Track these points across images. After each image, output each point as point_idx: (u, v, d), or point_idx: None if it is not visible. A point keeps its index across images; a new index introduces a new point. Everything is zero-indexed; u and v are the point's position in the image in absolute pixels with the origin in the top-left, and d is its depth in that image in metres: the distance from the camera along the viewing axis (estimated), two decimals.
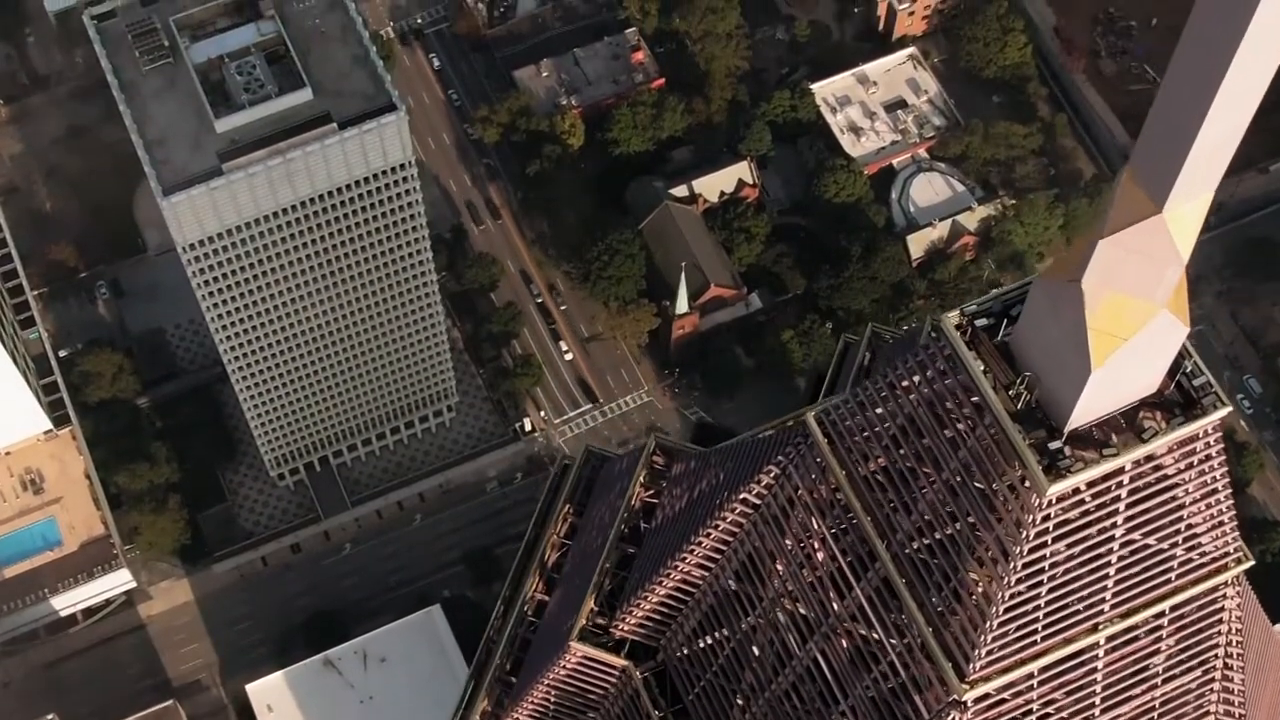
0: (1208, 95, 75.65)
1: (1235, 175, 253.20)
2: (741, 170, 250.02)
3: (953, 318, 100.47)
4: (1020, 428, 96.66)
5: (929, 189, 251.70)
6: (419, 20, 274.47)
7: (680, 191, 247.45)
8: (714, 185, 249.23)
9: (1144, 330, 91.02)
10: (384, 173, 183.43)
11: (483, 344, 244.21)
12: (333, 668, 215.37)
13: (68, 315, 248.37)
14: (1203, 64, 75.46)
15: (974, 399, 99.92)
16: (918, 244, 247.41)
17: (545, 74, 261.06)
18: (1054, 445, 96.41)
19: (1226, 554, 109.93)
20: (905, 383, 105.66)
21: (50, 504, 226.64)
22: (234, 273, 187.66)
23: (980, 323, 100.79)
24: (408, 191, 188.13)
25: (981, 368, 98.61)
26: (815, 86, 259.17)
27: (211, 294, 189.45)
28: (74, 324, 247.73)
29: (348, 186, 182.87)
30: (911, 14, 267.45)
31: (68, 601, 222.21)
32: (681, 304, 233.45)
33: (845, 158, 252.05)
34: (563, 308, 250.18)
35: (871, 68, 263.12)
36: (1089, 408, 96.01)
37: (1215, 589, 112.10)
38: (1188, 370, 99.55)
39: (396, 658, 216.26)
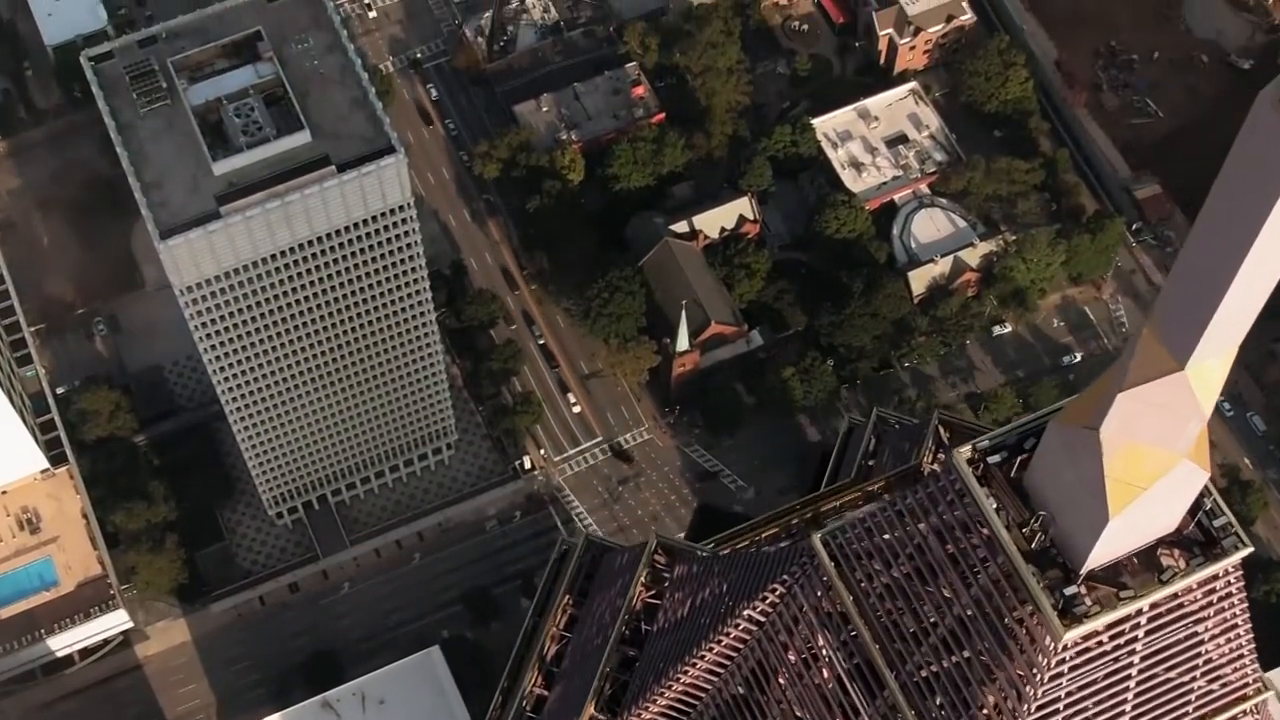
0: (1232, 266, 73.89)
1: None
2: (742, 206, 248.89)
3: (964, 452, 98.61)
4: (1034, 569, 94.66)
5: (930, 225, 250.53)
6: (418, 54, 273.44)
7: (681, 227, 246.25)
8: (714, 221, 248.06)
9: (1163, 479, 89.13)
10: (383, 214, 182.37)
11: (482, 381, 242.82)
12: (331, 710, 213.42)
13: (65, 352, 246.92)
14: (1227, 237, 73.78)
15: (985, 533, 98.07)
16: (919, 280, 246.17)
17: (545, 109, 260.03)
18: (1070, 590, 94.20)
19: (1246, 684, 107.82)
20: (915, 512, 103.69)
21: (47, 543, 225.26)
22: (232, 314, 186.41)
23: (993, 458, 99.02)
24: (407, 233, 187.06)
25: (994, 505, 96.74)
26: (816, 121, 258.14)
27: (209, 335, 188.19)
28: (71, 361, 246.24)
29: (346, 228, 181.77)
30: (913, 48, 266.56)
31: (64, 642, 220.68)
32: (682, 342, 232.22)
33: (846, 193, 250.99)
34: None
35: (873, 103, 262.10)
36: (1106, 550, 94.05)
37: (1235, 718, 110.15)
38: (1208, 509, 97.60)
39: (395, 700, 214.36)
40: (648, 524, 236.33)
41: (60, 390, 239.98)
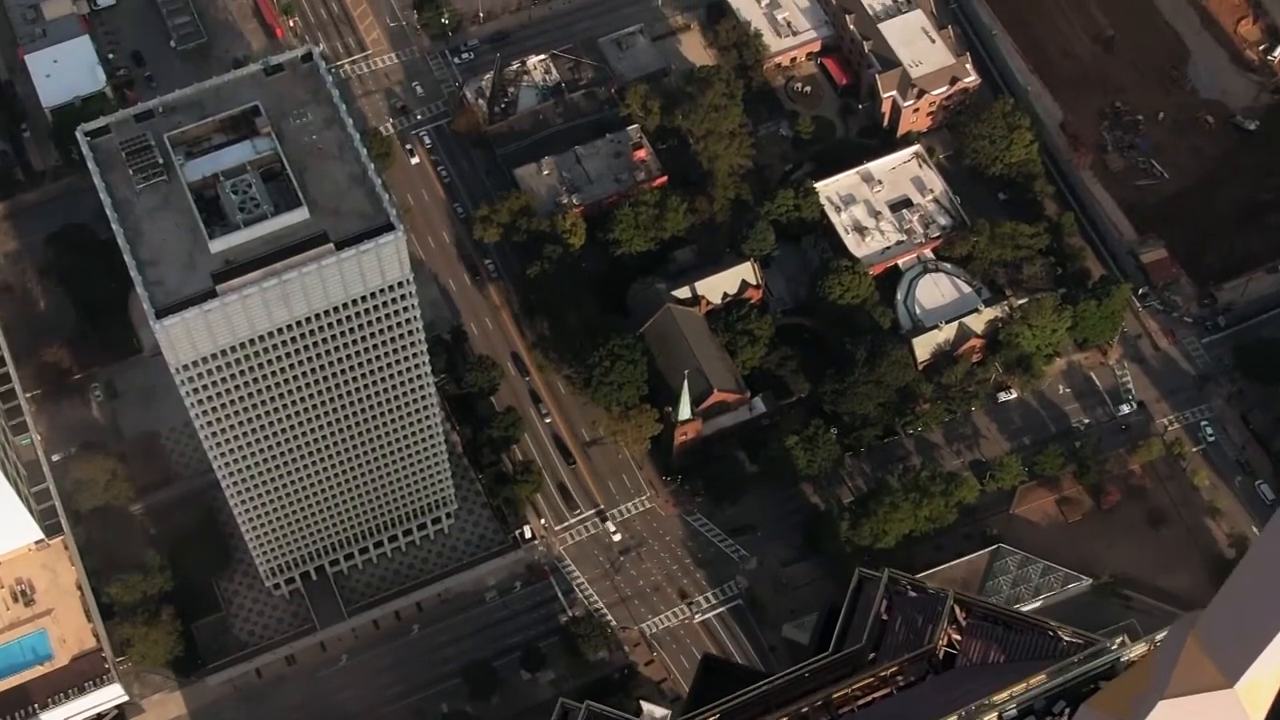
0: None
1: (1244, 274, 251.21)
2: (745, 271, 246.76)
3: None
4: None
5: (935, 290, 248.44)
6: (419, 116, 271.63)
7: (683, 293, 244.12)
8: (717, 286, 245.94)
9: None
10: (381, 291, 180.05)
11: (482, 449, 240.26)
12: None
13: (61, 418, 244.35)
14: None
15: None
16: (924, 347, 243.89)
17: (546, 172, 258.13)
18: None
19: None
20: None
21: (41, 616, 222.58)
22: (228, 391, 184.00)
23: None
24: (406, 309, 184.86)
25: None
26: (819, 185, 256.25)
27: (205, 413, 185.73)
28: (67, 426, 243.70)
29: (345, 305, 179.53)
30: (916, 111, 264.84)
31: (58, 717, 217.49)
32: (684, 411, 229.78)
33: (850, 258, 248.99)
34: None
35: (876, 166, 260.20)
36: None
37: None
38: None
39: None
40: (649, 595, 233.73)
41: (56, 457, 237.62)
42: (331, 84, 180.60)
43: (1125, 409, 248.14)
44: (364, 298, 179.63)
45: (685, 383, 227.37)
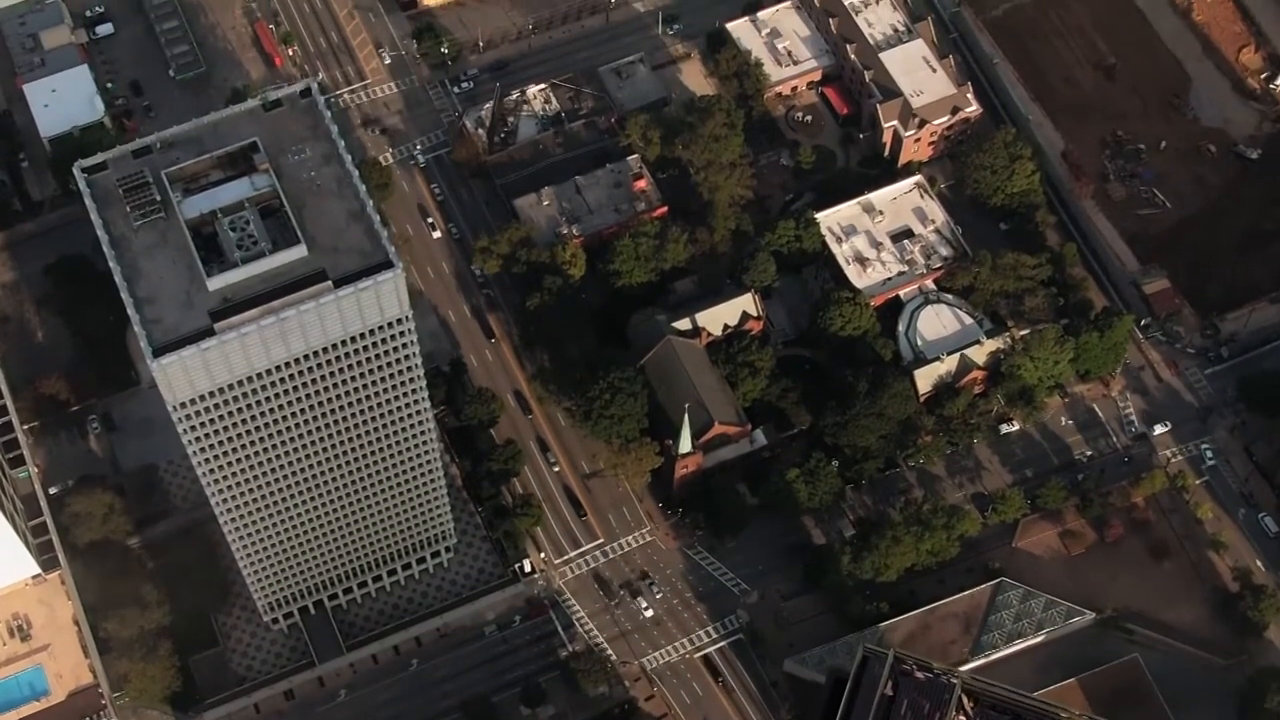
0: None
1: (1247, 305, 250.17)
2: (745, 302, 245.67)
3: None
4: None
5: (937, 321, 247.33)
6: (418, 146, 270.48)
7: (683, 324, 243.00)
8: (717, 318, 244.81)
9: None
10: (380, 328, 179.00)
11: (481, 482, 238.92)
12: None
13: (58, 450, 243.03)
14: None
15: None
16: (925, 379, 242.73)
17: (546, 202, 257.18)
18: None
19: None
20: None
21: (38, 651, 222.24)
22: (226, 429, 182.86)
23: None
24: (404, 345, 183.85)
25: None
26: (820, 215, 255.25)
27: (203, 449, 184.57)
28: (65, 459, 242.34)
29: (343, 343, 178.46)
30: (917, 141, 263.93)
31: None
32: (684, 444, 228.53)
33: (851, 289, 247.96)
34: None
35: (877, 196, 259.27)
36: None
37: None
38: None
39: None
40: (650, 629, 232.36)
41: (53, 490, 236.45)
42: (330, 119, 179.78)
43: (1128, 441, 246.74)
44: (362, 335, 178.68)
45: (686, 416, 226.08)
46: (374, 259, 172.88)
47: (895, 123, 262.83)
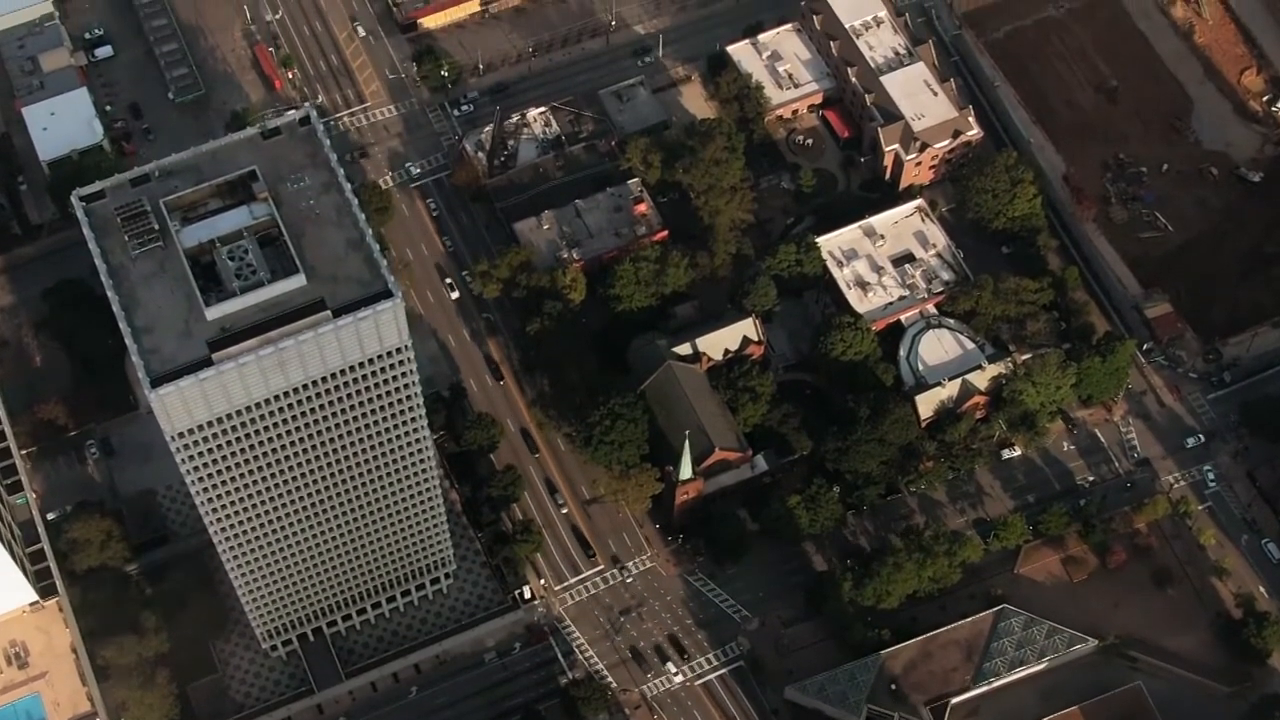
0: None
1: (1250, 329, 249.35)
2: (746, 327, 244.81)
3: None
4: None
5: (938, 346, 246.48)
6: (418, 169, 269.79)
7: (684, 349, 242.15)
8: (718, 343, 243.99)
9: None
10: (379, 357, 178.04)
11: (481, 507, 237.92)
12: None
13: (56, 475, 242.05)
14: None
15: None
16: (927, 404, 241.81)
17: (546, 226, 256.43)
18: None
19: None
20: None
21: (35, 679, 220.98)
22: (224, 458, 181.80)
23: None
24: (404, 374, 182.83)
25: None
26: (821, 239, 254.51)
27: (201, 479, 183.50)
28: (63, 484, 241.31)
29: (342, 372, 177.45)
30: (919, 164, 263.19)
31: None
32: (685, 471, 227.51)
33: (852, 314, 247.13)
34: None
35: (878, 220, 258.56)
36: None
37: None
38: None
39: None
40: (650, 656, 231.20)
41: (51, 516, 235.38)
42: (329, 148, 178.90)
43: (1130, 466, 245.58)
44: (362, 364, 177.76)
45: (686, 442, 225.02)
46: (373, 288, 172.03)
47: (896, 146, 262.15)
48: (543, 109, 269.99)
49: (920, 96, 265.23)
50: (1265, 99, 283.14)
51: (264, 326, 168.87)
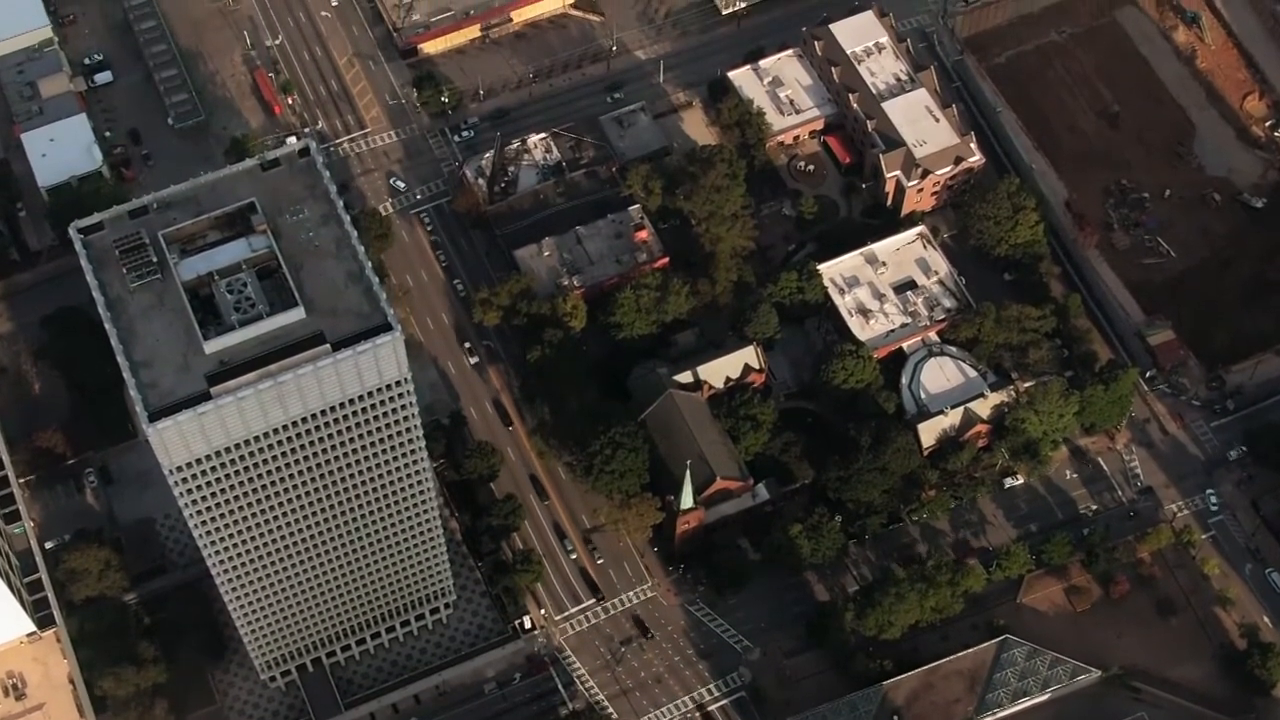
0: None
1: (1253, 356, 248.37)
2: (748, 355, 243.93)
3: None
4: None
5: (940, 375, 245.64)
6: (418, 196, 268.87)
7: (685, 377, 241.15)
8: (719, 371, 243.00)
9: None
10: (379, 390, 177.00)
11: (481, 536, 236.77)
12: None
13: (54, 503, 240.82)
14: None
15: None
16: (929, 433, 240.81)
17: (546, 253, 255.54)
18: None
19: None
20: None
21: (33, 710, 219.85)
22: (223, 491, 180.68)
23: None
24: (403, 407, 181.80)
25: None
26: (823, 267, 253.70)
27: (200, 511, 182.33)
28: (61, 513, 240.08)
29: (341, 405, 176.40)
30: (920, 191, 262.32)
31: None
32: (686, 500, 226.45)
33: (854, 342, 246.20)
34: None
35: (880, 247, 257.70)
36: None
37: None
38: None
39: None
40: (651, 687, 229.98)
41: (49, 545, 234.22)
42: (329, 179, 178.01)
43: (1133, 495, 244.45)
44: (361, 398, 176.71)
45: (688, 471, 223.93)
46: (372, 321, 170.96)
47: (898, 172, 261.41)
48: (543, 135, 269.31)
49: (922, 123, 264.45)
50: (1268, 124, 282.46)
51: (263, 360, 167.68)
